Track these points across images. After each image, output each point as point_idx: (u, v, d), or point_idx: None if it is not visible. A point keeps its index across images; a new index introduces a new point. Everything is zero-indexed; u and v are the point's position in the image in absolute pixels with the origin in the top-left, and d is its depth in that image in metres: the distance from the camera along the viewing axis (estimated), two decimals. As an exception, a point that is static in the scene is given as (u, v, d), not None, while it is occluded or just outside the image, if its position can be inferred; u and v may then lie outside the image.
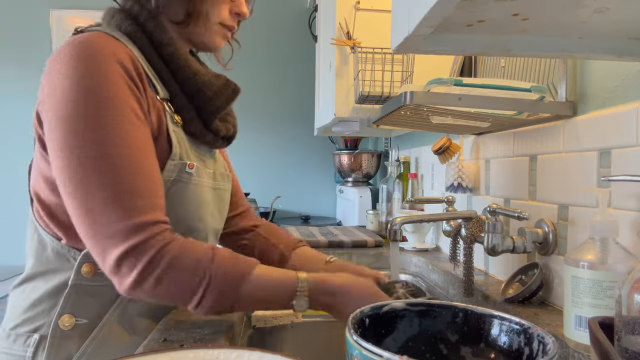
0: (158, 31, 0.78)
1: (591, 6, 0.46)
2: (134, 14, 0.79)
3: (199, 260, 0.67)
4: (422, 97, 0.85)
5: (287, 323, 0.97)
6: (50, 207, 0.75)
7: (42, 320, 0.76)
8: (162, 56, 0.79)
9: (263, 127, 2.83)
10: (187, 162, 0.78)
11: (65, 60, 0.68)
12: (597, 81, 0.80)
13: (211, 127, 0.85)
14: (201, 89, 0.81)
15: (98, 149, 0.65)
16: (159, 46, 0.78)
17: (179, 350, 0.51)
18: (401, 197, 1.75)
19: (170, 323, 0.77)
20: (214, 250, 0.70)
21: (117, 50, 0.71)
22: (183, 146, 0.79)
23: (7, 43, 2.72)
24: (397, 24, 0.54)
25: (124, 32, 0.77)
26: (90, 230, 0.65)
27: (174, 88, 0.80)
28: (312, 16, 2.40)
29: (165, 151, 0.76)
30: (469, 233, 0.98)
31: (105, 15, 0.81)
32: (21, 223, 2.85)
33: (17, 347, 0.76)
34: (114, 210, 0.64)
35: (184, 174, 0.78)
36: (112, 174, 0.65)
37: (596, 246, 0.65)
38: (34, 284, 0.78)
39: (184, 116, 0.81)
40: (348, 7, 1.50)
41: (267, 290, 0.72)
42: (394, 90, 1.38)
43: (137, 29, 0.78)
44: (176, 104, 0.80)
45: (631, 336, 0.46)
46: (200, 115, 0.83)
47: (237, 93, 0.86)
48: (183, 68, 0.79)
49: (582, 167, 0.81)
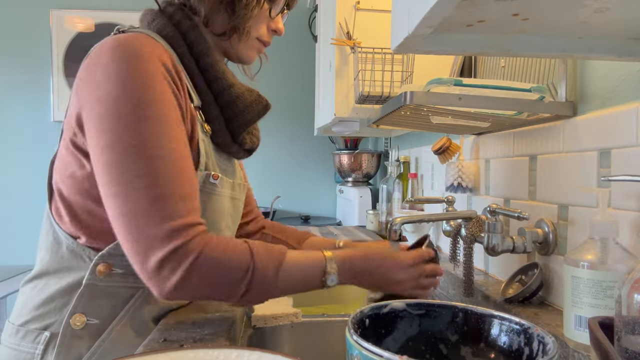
0: (198, 41, 0.79)
1: (591, 6, 0.46)
2: (176, 21, 0.79)
3: (240, 258, 0.68)
4: (422, 97, 0.85)
5: (287, 323, 0.97)
6: (72, 206, 0.75)
7: (53, 318, 0.75)
8: (200, 65, 0.80)
9: (263, 127, 2.81)
10: (212, 172, 0.79)
11: (109, 59, 0.68)
12: (597, 81, 0.80)
13: (238, 140, 0.87)
14: (234, 102, 0.82)
15: (143, 150, 0.65)
16: (198, 55, 0.79)
17: (179, 350, 0.51)
18: (401, 197, 1.75)
19: (170, 323, 0.77)
20: (249, 243, 0.71)
21: (160, 51, 0.71)
22: (209, 156, 0.80)
23: (7, 43, 2.72)
24: (397, 24, 0.54)
25: (165, 37, 0.77)
26: (130, 233, 0.64)
27: (208, 97, 0.81)
28: (312, 16, 2.40)
29: (194, 159, 0.76)
30: (469, 233, 0.98)
31: (144, 17, 0.81)
32: (19, 223, 2.85)
33: (26, 343, 0.75)
34: (157, 212, 0.64)
35: (208, 184, 0.79)
36: (155, 175, 0.65)
37: (596, 246, 0.65)
38: (47, 280, 0.78)
39: (214, 126, 0.82)
40: (348, 7, 1.50)
41: (301, 273, 0.74)
42: (394, 90, 1.38)
43: (178, 35, 0.78)
44: (207, 114, 0.82)
45: (631, 336, 0.46)
46: (228, 127, 0.85)
47: (268, 109, 0.88)
48: (220, 80, 0.81)
49: (582, 167, 0.81)
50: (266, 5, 0.84)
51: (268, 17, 0.86)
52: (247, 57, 0.88)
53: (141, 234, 0.64)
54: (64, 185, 0.76)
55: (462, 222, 1.01)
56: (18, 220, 2.70)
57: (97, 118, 0.67)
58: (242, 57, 0.88)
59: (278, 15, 0.88)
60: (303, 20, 2.59)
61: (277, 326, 0.96)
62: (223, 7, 0.80)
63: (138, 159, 0.65)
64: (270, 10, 0.86)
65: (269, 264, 0.70)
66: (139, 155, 0.65)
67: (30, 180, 2.70)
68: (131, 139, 0.65)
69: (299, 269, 0.74)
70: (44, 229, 0.80)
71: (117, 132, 0.65)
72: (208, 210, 0.80)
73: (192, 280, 0.65)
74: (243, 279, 0.68)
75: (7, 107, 2.73)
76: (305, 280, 0.74)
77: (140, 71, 0.67)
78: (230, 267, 0.67)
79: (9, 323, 0.80)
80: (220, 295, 0.69)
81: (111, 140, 0.65)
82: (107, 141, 0.65)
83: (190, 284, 0.65)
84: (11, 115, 2.73)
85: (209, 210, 0.80)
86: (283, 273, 0.71)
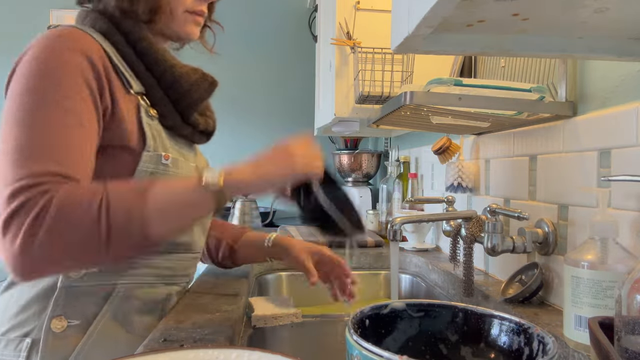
0: (134, 29, 0.80)
1: (591, 6, 0.46)
2: (109, 14, 0.80)
3: (90, 191, 0.63)
4: (422, 97, 0.85)
5: (287, 323, 0.97)
6: None
7: (32, 324, 0.75)
8: (137, 51, 0.80)
9: (263, 127, 2.82)
10: (163, 153, 0.79)
11: (33, 50, 0.70)
12: (597, 81, 0.80)
13: (189, 121, 0.86)
14: (177, 82, 0.82)
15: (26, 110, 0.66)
16: (135, 42, 0.79)
17: (179, 350, 0.51)
18: (401, 197, 1.75)
19: (170, 323, 0.77)
20: (104, 184, 0.64)
21: (86, 43, 0.72)
22: (158, 139, 0.79)
23: (7, 43, 2.71)
24: (397, 24, 0.54)
25: (98, 30, 0.78)
26: None
27: (150, 82, 0.81)
28: (312, 16, 2.40)
29: (140, 144, 0.76)
30: (469, 233, 0.98)
31: (79, 16, 0.83)
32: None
33: (9, 352, 0.75)
34: (5, 176, 0.63)
35: (160, 165, 0.78)
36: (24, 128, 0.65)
37: (596, 246, 0.65)
38: (21, 287, 0.77)
39: (161, 109, 0.82)
40: (348, 7, 1.50)
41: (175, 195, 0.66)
42: (394, 90, 1.37)
43: (111, 26, 0.79)
44: (152, 98, 0.81)
45: (631, 336, 0.46)
46: (177, 109, 0.84)
47: (214, 86, 0.87)
48: (159, 62, 0.81)
49: (582, 167, 0.81)
50: None
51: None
52: (184, 34, 0.85)
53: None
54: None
55: (462, 222, 1.01)
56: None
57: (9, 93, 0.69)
58: (180, 34, 0.85)
59: None
60: (303, 20, 2.59)
61: (277, 326, 0.96)
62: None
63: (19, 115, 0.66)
64: None
65: (128, 194, 0.63)
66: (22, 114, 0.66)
67: (30, 180, 2.70)
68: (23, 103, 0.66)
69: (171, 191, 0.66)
70: None
71: (16, 102, 0.67)
72: None
73: (39, 233, 0.58)
74: (98, 219, 0.60)
75: (7, 107, 2.73)
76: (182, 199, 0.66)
77: (54, 58, 0.69)
78: (77, 204, 0.61)
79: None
80: (80, 250, 0.61)
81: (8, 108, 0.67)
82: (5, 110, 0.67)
83: (39, 238, 0.58)
84: (11, 115, 2.73)
85: None
86: (152, 200, 0.63)
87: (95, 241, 0.60)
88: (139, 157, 0.76)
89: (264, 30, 2.81)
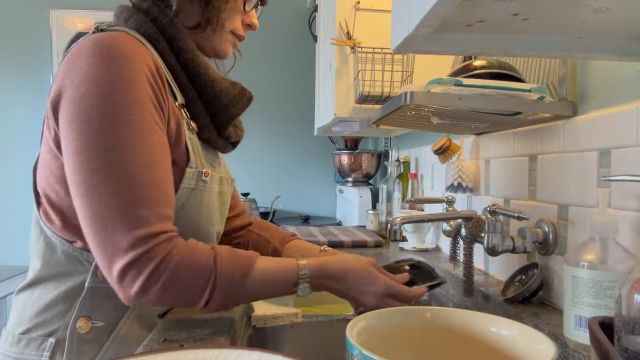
0: (178, 37, 0.78)
1: (591, 6, 0.46)
2: (152, 16, 0.78)
3: (203, 264, 0.68)
4: (422, 97, 0.85)
5: (287, 323, 0.97)
6: (64, 210, 0.74)
7: (57, 324, 0.75)
8: (181, 61, 0.79)
9: (263, 127, 2.82)
10: (203, 170, 0.79)
11: (89, 59, 0.67)
12: (597, 81, 0.80)
13: (224, 134, 0.87)
14: (218, 96, 0.82)
15: (113, 154, 0.65)
16: (179, 52, 0.78)
17: (178, 350, 0.51)
18: (401, 197, 1.75)
19: (170, 323, 0.77)
20: (215, 250, 0.70)
21: (144, 54, 0.71)
22: (197, 153, 0.80)
23: (7, 43, 2.72)
24: (397, 24, 0.54)
25: (144, 34, 0.76)
26: (97, 238, 0.65)
27: (191, 94, 0.80)
28: (312, 16, 2.40)
29: (184, 159, 0.76)
30: (469, 233, 0.98)
31: (120, 14, 0.79)
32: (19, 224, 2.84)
33: (30, 351, 0.75)
34: (121, 220, 0.64)
35: (200, 182, 0.78)
36: (122, 181, 0.64)
37: (596, 246, 0.65)
38: (44, 286, 0.77)
39: (199, 122, 0.82)
40: (348, 7, 1.50)
41: (271, 281, 0.73)
42: (394, 90, 1.37)
43: (157, 32, 0.77)
44: (192, 110, 0.81)
45: (631, 336, 0.46)
46: (214, 122, 0.84)
47: (251, 101, 0.88)
48: (202, 75, 0.80)
49: (582, 167, 0.81)
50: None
51: (242, 11, 0.85)
52: (222, 51, 0.87)
53: (106, 241, 0.64)
54: (52, 191, 0.75)
55: (462, 222, 1.01)
56: (17, 221, 2.70)
57: (70, 120, 0.66)
58: (217, 50, 0.86)
59: (252, 9, 0.87)
60: (303, 20, 2.59)
61: (277, 326, 0.96)
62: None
63: (107, 163, 0.64)
64: (245, 4, 0.85)
65: (234, 271, 0.69)
66: (109, 159, 0.64)
67: (29, 180, 2.69)
68: (102, 143, 0.65)
69: (269, 277, 0.73)
70: (34, 236, 0.79)
71: (88, 135, 0.65)
72: (201, 207, 0.79)
73: (153, 288, 0.65)
74: (205, 286, 0.67)
75: (7, 107, 2.73)
76: (274, 288, 0.74)
77: (120, 74, 0.66)
78: (192, 275, 0.67)
79: (8, 332, 0.79)
80: (184, 301, 0.69)
81: (83, 142, 0.65)
82: (79, 143, 0.65)
83: (152, 291, 0.65)
84: (11, 116, 2.73)
85: (201, 207, 0.80)
86: (252, 280, 0.70)
87: (196, 303, 0.69)
88: (182, 173, 0.75)
89: (264, 30, 2.81)
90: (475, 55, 0.97)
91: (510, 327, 0.55)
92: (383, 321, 0.58)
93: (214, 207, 0.84)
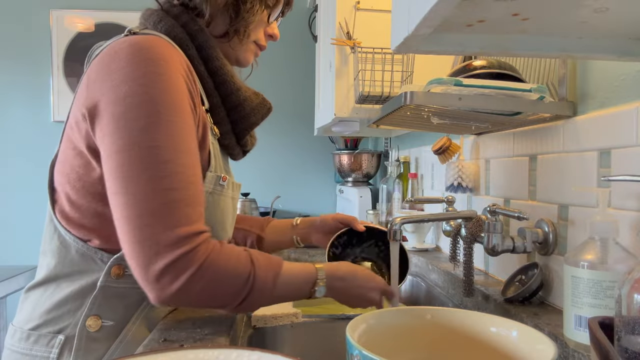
0: (207, 44, 0.80)
1: (591, 6, 0.46)
2: (183, 22, 0.79)
3: (242, 267, 0.69)
4: (422, 97, 0.85)
5: (287, 323, 0.97)
6: (81, 209, 0.74)
7: (67, 321, 0.75)
8: (208, 68, 0.80)
9: (263, 127, 2.81)
10: (222, 174, 0.80)
11: (128, 60, 0.67)
12: (597, 81, 0.80)
13: (242, 142, 0.89)
14: (241, 105, 0.84)
15: (158, 154, 0.65)
16: (207, 59, 0.80)
17: (178, 350, 0.51)
18: (401, 197, 1.75)
19: (170, 323, 0.77)
20: (250, 253, 0.72)
21: (179, 57, 0.72)
22: (217, 158, 0.81)
23: (7, 43, 2.71)
24: (397, 24, 0.54)
25: (174, 39, 0.77)
26: (138, 235, 0.64)
27: (216, 100, 0.82)
28: (312, 16, 2.40)
29: (206, 163, 0.77)
30: (469, 233, 0.98)
31: (149, 18, 0.80)
32: (20, 224, 2.84)
33: (39, 347, 0.75)
34: (167, 217, 0.64)
35: (218, 186, 0.80)
36: (169, 180, 0.65)
37: (596, 246, 0.65)
38: (57, 284, 0.77)
39: (221, 129, 0.84)
40: (348, 7, 1.50)
41: (295, 284, 0.76)
42: (394, 90, 1.37)
43: (187, 38, 0.78)
44: (215, 116, 0.83)
45: (631, 336, 0.46)
46: (234, 130, 0.86)
47: (270, 111, 0.91)
48: (229, 83, 0.82)
49: (582, 167, 0.81)
50: (266, 10, 0.86)
51: (265, 22, 0.88)
52: (244, 60, 0.90)
53: (150, 239, 0.63)
54: (72, 189, 0.74)
55: (462, 222, 1.01)
56: (18, 221, 2.70)
57: (114, 119, 0.66)
58: (240, 59, 0.89)
59: (274, 20, 0.91)
60: (303, 20, 2.59)
61: (277, 326, 0.96)
62: (226, 9, 0.81)
63: (153, 162, 0.64)
64: (269, 16, 0.88)
65: (268, 274, 0.71)
66: (154, 158, 0.65)
67: (30, 180, 2.69)
68: (149, 142, 0.65)
69: (293, 280, 0.76)
70: (47, 233, 0.78)
71: (134, 134, 0.65)
72: (218, 211, 0.81)
73: (193, 289, 0.65)
74: (243, 289, 0.69)
75: (7, 108, 2.72)
76: (297, 290, 0.76)
77: (161, 75, 0.67)
78: (232, 276, 0.68)
79: (16, 328, 0.78)
80: (219, 303, 0.70)
81: (128, 141, 0.65)
82: (123, 142, 0.65)
83: (191, 292, 0.65)
84: (11, 116, 2.73)
85: (218, 211, 0.81)
86: (280, 283, 0.73)
87: (230, 305, 0.70)
88: (204, 177, 0.76)
89: (264, 30, 2.81)
90: (475, 55, 0.97)
91: (510, 327, 0.55)
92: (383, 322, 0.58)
93: (229, 211, 0.85)
